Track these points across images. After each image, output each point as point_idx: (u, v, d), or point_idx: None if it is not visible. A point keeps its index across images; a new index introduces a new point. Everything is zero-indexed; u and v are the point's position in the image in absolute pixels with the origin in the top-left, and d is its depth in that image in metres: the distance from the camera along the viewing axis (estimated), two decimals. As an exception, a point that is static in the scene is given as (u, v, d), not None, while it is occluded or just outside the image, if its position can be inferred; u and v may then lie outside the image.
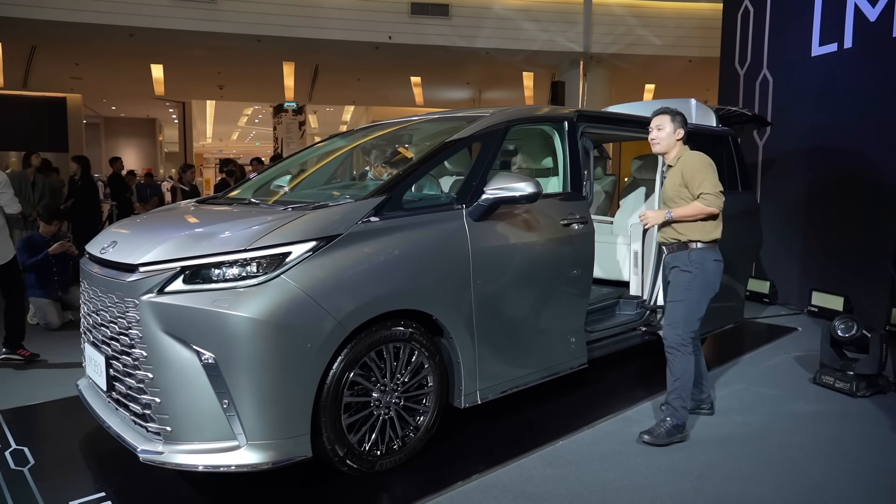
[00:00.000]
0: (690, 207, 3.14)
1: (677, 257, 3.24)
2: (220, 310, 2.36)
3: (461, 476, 2.76)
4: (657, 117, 3.30)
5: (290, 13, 9.81)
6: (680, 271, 3.20)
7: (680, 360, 3.17)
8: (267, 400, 2.41)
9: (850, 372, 3.89)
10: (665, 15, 11.01)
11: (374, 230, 2.71)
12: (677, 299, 3.19)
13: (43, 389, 3.93)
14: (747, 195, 4.84)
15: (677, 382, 3.17)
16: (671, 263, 3.29)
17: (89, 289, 2.94)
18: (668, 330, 3.22)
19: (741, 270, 4.74)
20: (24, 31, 9.74)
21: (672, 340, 3.19)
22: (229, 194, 3.87)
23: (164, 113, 21.46)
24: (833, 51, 6.02)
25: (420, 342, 2.83)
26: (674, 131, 3.24)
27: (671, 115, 3.27)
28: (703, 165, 3.17)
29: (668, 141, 3.26)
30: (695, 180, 3.14)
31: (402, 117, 4.21)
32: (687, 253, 3.20)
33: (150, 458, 2.44)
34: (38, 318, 5.58)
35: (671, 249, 3.28)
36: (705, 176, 3.14)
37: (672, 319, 3.20)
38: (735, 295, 4.68)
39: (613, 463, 2.92)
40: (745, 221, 4.65)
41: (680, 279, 3.20)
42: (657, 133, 3.27)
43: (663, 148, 3.28)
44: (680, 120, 3.27)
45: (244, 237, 2.49)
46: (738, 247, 4.48)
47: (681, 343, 3.16)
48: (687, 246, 3.20)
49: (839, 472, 2.86)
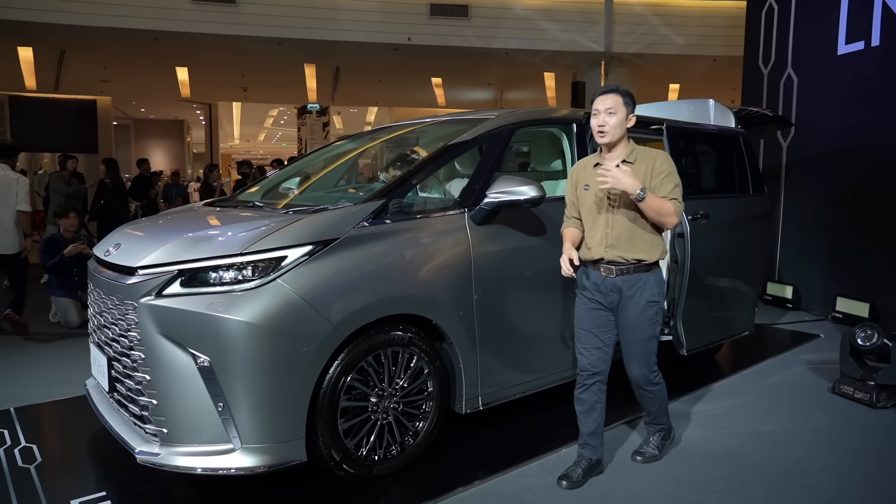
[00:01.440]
0: (662, 203, 2.58)
1: (638, 283, 2.66)
2: (215, 313, 2.37)
3: (461, 483, 2.73)
4: (606, 97, 2.63)
5: (310, 15, 9.89)
6: (648, 303, 2.67)
7: (657, 391, 2.86)
8: (261, 403, 2.41)
9: (871, 382, 3.75)
10: (688, 13, 10.81)
11: (372, 234, 2.69)
12: (649, 336, 2.72)
13: (56, 388, 4.00)
14: (757, 198, 4.64)
15: (660, 408, 2.93)
16: (627, 290, 2.66)
17: (95, 290, 2.98)
18: (642, 370, 2.76)
19: (749, 278, 4.49)
20: (53, 36, 10.01)
21: (645, 378, 2.79)
22: (238, 197, 3.89)
23: (191, 114, 21.84)
24: (860, 49, 5.83)
25: (419, 347, 2.81)
26: (626, 118, 2.63)
27: (623, 97, 2.63)
28: (675, 169, 2.69)
29: (620, 130, 2.62)
30: (668, 184, 2.63)
31: (411, 119, 4.19)
32: (652, 278, 2.69)
33: (146, 460, 2.46)
34: (58, 317, 5.70)
35: (625, 272, 2.65)
36: (678, 183, 2.66)
37: (643, 358, 2.75)
38: (741, 304, 4.43)
39: (615, 473, 2.86)
40: (754, 226, 4.49)
41: (649, 313, 2.69)
42: (606, 118, 2.61)
43: (612, 138, 2.63)
44: (632, 104, 2.67)
45: (241, 241, 2.50)
46: (745, 253, 4.37)
47: (653, 379, 2.81)
48: (649, 268, 2.68)
49: (853, 488, 2.75)
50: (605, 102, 2.62)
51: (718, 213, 4.05)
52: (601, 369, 2.74)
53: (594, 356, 2.73)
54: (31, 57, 11.66)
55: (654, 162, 2.65)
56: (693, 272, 3.80)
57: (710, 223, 3.93)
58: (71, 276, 5.66)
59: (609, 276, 2.67)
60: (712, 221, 3.95)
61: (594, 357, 2.73)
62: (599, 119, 2.62)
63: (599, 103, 2.64)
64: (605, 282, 2.69)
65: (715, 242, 4.00)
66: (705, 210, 3.92)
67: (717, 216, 4.00)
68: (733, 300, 4.34)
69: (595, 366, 2.73)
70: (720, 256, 4.10)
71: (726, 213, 4.17)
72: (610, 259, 2.66)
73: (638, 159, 2.66)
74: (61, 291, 5.66)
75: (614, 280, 2.67)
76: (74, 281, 5.69)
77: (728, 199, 4.35)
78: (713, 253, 3.99)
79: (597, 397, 2.76)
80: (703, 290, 3.95)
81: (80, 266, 5.72)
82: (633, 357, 2.76)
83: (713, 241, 3.98)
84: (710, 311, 4.11)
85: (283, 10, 9.75)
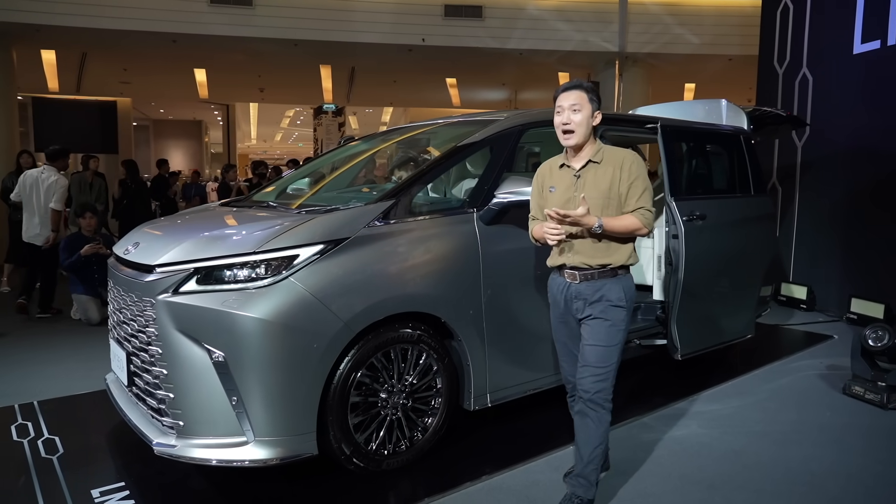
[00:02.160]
0: (624, 223, 2.40)
1: (603, 288, 2.44)
2: (230, 310, 2.45)
3: (468, 478, 2.78)
4: (569, 93, 2.44)
5: (325, 17, 9.99)
6: (611, 307, 2.44)
7: (604, 420, 2.46)
8: (274, 398, 2.48)
9: (882, 383, 3.74)
10: (703, 13, 10.75)
11: (382, 234, 2.75)
12: (612, 343, 2.44)
13: (78, 382, 4.12)
14: (759, 199, 4.57)
15: (598, 449, 2.47)
16: (591, 297, 2.45)
17: (115, 287, 3.08)
18: (598, 382, 2.43)
19: (749, 281, 4.42)
20: (74, 39, 10.23)
21: (600, 394, 2.44)
22: (253, 197, 3.98)
23: (209, 115, 22.10)
24: (876, 48, 5.78)
25: (429, 344, 2.86)
26: (591, 115, 2.44)
27: (588, 93, 2.45)
28: (645, 172, 2.48)
29: (586, 128, 2.43)
30: (636, 189, 2.43)
31: (425, 119, 4.25)
32: (618, 283, 2.46)
33: (163, 451, 2.54)
34: (79, 314, 5.84)
35: (589, 277, 2.46)
36: (647, 187, 2.46)
37: (603, 369, 2.44)
38: (739, 307, 4.36)
39: (622, 470, 2.89)
40: (755, 227, 4.43)
41: (613, 318, 2.44)
42: (571, 116, 2.42)
43: (578, 138, 2.43)
44: (598, 100, 2.48)
45: (254, 240, 2.57)
46: (745, 255, 4.30)
47: (606, 399, 2.46)
48: (615, 273, 2.46)
49: (859, 488, 2.76)
50: (568, 99, 2.43)
51: (716, 213, 4.00)
52: None
53: (574, 367, 2.57)
54: (53, 59, 11.91)
55: (622, 164, 2.44)
56: (688, 274, 3.74)
57: (706, 224, 3.89)
58: (91, 273, 5.81)
59: (573, 283, 2.49)
60: (709, 222, 3.91)
61: (574, 368, 2.57)
62: (563, 117, 2.44)
63: (563, 100, 2.45)
64: (569, 289, 2.50)
65: (711, 244, 3.94)
66: (702, 211, 3.89)
67: (714, 217, 3.96)
68: (731, 303, 4.27)
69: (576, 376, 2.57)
70: (717, 258, 4.04)
71: (724, 214, 4.12)
72: (573, 265, 2.47)
73: (605, 160, 2.46)
74: (82, 288, 5.81)
75: (578, 286, 2.47)
76: (95, 279, 5.83)
77: (727, 199, 4.30)
78: (710, 255, 3.93)
79: None
80: (698, 292, 3.89)
81: (99, 264, 5.87)
82: (590, 365, 2.44)
83: (709, 243, 3.92)
84: (706, 314, 4.04)
85: (298, 12, 9.87)
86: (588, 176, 2.46)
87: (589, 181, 2.45)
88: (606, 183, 2.43)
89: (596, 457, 2.46)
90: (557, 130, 2.49)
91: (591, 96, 2.45)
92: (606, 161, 2.46)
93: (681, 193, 3.88)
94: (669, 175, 3.84)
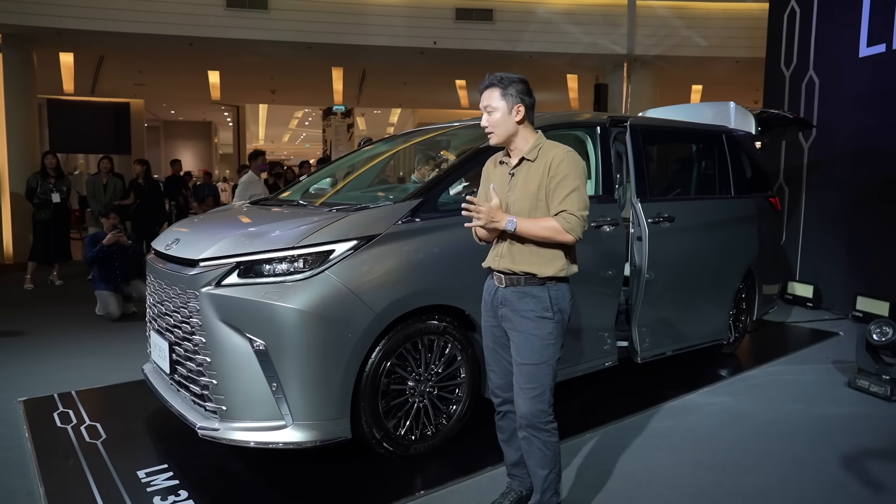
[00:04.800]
0: (542, 225, 2.18)
1: (528, 296, 2.24)
2: (270, 301, 2.61)
3: (490, 462, 2.94)
4: (484, 94, 2.29)
5: (340, 21, 10.18)
6: (537, 318, 2.23)
7: (550, 441, 2.26)
8: (311, 384, 2.64)
9: (886, 376, 3.88)
10: (711, 15, 10.87)
11: (411, 230, 2.92)
12: (541, 360, 2.22)
13: (111, 374, 4.29)
14: (739, 201, 4.54)
15: (552, 474, 2.29)
16: (514, 304, 2.26)
17: (155, 281, 3.25)
18: (532, 403, 2.22)
19: (722, 284, 4.40)
20: (95, 42, 10.44)
21: (538, 417, 2.23)
22: (280, 196, 4.15)
23: (219, 116, 22.33)
24: (881, 51, 5.91)
25: (453, 335, 3.02)
26: (510, 111, 2.24)
27: (502, 88, 2.25)
28: (577, 171, 2.22)
29: (506, 125, 2.25)
30: (562, 189, 2.19)
31: (434, 121, 4.41)
32: (544, 292, 2.24)
33: (207, 434, 2.71)
34: (100, 310, 6.03)
35: (514, 282, 2.27)
36: (577, 187, 2.20)
37: (536, 390, 2.22)
38: (710, 311, 4.33)
39: (636, 455, 3.04)
40: (733, 229, 4.42)
41: (539, 331, 2.23)
42: (487, 118, 2.28)
43: (500, 138, 2.28)
44: (517, 92, 2.25)
45: (292, 236, 2.74)
46: (719, 258, 4.29)
47: (548, 419, 2.25)
48: (543, 282, 2.25)
49: (864, 473, 2.91)
50: (483, 100, 2.29)
51: (686, 215, 3.96)
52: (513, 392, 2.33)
53: (501, 378, 2.40)
54: (71, 62, 12.13)
55: (550, 162, 2.23)
56: (651, 277, 3.73)
57: (674, 226, 3.86)
58: (112, 269, 5.98)
59: (500, 287, 2.31)
60: (677, 224, 3.88)
61: (501, 379, 2.40)
62: (483, 119, 2.31)
63: (482, 101, 2.30)
64: (496, 293, 2.33)
65: (679, 246, 3.90)
66: (670, 213, 3.86)
67: (684, 219, 3.92)
68: (700, 307, 4.23)
69: (504, 389, 2.39)
70: (686, 261, 3.99)
71: (696, 216, 4.08)
72: (499, 269, 2.32)
73: (539, 157, 2.26)
74: (103, 284, 5.99)
75: (504, 292, 2.30)
76: (116, 275, 6.01)
77: (700, 201, 4.28)
78: (676, 257, 3.90)
79: (516, 424, 2.35)
80: (662, 296, 3.86)
81: (120, 259, 6.04)
82: (521, 387, 2.24)
83: (677, 245, 3.88)
84: (669, 318, 4.00)
85: (313, 16, 10.06)
86: (520, 174, 2.28)
87: (520, 180, 2.27)
88: (535, 183, 2.23)
89: (552, 481, 2.30)
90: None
91: (506, 91, 2.25)
92: (540, 159, 2.26)
93: (647, 195, 3.84)
94: (636, 176, 3.80)
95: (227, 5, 9.76)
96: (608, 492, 2.70)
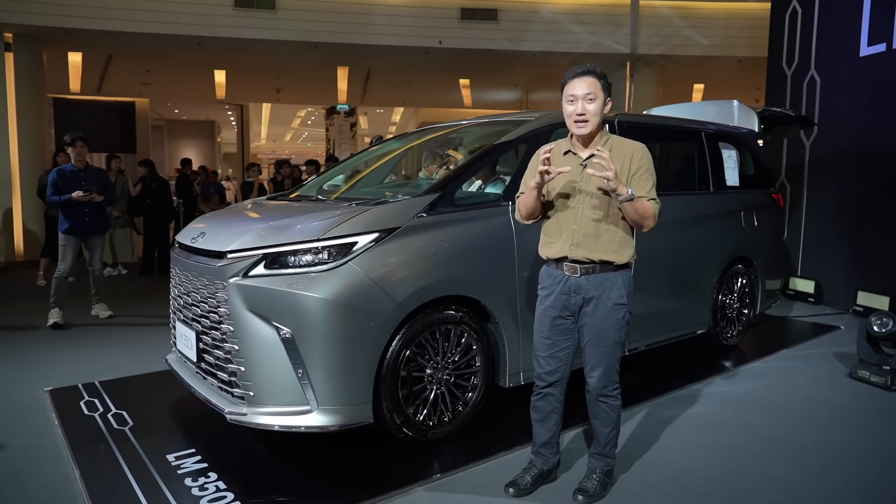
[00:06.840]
0: (645, 205, 2.35)
1: (605, 284, 2.42)
2: (296, 291, 2.73)
3: (504, 447, 3.05)
4: (582, 80, 2.34)
5: (346, 20, 10.30)
6: (615, 306, 2.43)
7: (615, 404, 2.57)
8: (335, 370, 2.75)
9: (886, 367, 4.00)
10: (713, 15, 10.99)
11: (429, 224, 3.03)
12: (615, 342, 2.47)
13: (130, 365, 4.41)
14: (717, 196, 4.62)
15: (614, 430, 2.60)
16: (592, 292, 2.42)
17: (181, 273, 3.36)
18: (606, 377, 2.51)
19: (700, 276, 4.47)
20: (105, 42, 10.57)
21: (608, 389, 2.53)
22: (296, 192, 4.26)
23: (222, 115, 22.43)
24: (882, 51, 6.02)
25: (469, 325, 3.14)
26: (604, 103, 2.37)
27: (601, 79, 2.37)
28: (652, 164, 2.44)
29: (599, 116, 2.37)
30: (646, 181, 2.38)
31: (453, 121, 4.52)
32: (619, 279, 2.43)
33: (235, 419, 2.82)
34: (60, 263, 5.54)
35: (590, 271, 2.41)
36: (654, 179, 2.42)
37: (606, 366, 2.49)
38: (689, 303, 4.42)
39: (646, 441, 3.16)
40: (710, 224, 4.49)
41: (615, 316, 2.44)
42: (586, 106, 2.34)
43: (593, 127, 2.37)
44: (609, 87, 2.42)
45: (317, 229, 2.85)
46: (697, 251, 4.36)
47: (615, 387, 2.55)
48: (618, 269, 2.43)
49: (864, 457, 3.02)
50: (582, 87, 2.33)
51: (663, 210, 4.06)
52: (559, 378, 2.57)
53: (551, 365, 2.55)
54: (79, 61, 12.25)
55: (632, 155, 2.40)
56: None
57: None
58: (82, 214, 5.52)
59: (573, 276, 2.43)
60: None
61: (551, 366, 2.56)
62: (577, 106, 2.34)
63: (576, 88, 2.34)
64: (567, 282, 2.44)
65: (656, 240, 3.85)
66: None
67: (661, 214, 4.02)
68: (674, 301, 4.30)
69: (552, 375, 2.57)
70: (663, 255, 4.04)
71: (672, 211, 4.06)
72: (574, 258, 2.42)
73: (613, 151, 2.37)
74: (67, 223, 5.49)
75: (578, 280, 2.42)
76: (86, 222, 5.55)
77: (677, 196, 4.31)
78: (654, 251, 3.89)
79: (553, 406, 2.61)
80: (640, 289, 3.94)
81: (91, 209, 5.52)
82: (597, 364, 2.49)
83: (654, 239, 3.81)
84: (649, 311, 4.03)
85: (319, 16, 10.19)
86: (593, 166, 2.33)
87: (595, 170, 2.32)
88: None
89: (612, 437, 2.60)
90: (569, 120, 2.40)
91: (603, 83, 2.37)
92: (614, 152, 2.36)
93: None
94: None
95: (236, 5, 9.88)
96: (618, 475, 2.81)
